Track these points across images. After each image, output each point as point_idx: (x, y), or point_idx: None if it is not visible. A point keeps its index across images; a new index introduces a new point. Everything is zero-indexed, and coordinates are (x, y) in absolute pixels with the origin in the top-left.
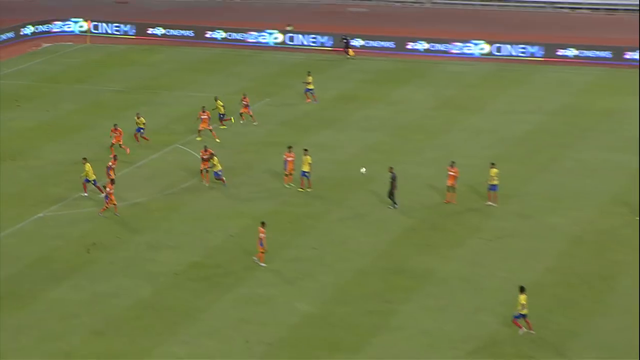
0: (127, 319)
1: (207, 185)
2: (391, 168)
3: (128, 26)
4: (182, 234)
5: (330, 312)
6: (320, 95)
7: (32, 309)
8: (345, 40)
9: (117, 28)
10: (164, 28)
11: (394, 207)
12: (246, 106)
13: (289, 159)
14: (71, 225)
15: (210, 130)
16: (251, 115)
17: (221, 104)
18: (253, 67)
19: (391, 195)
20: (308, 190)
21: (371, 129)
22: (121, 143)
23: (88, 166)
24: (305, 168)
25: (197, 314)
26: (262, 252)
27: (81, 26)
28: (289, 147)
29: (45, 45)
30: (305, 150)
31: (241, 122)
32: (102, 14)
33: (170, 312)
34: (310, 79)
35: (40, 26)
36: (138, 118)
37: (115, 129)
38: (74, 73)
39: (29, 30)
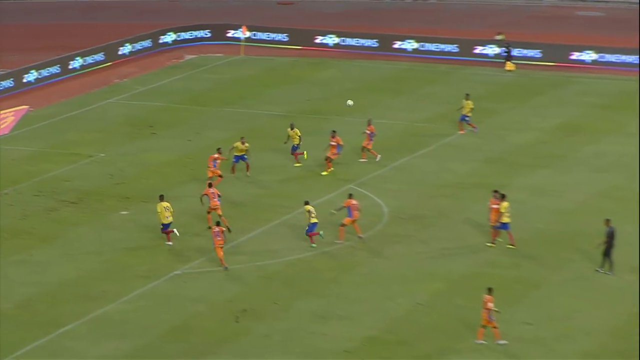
0: None
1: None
2: (608, 221)
3: (292, 33)
4: (355, 301)
5: None
6: (537, 124)
7: None
8: (506, 49)
9: (278, 36)
10: (338, 36)
11: (608, 272)
12: (369, 137)
13: (495, 206)
14: (216, 285)
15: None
16: (370, 150)
17: (298, 133)
18: (451, 86)
19: (607, 255)
20: (511, 246)
21: (603, 169)
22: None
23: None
24: (505, 219)
25: None
26: (495, 328)
27: (234, 33)
28: (495, 192)
29: (188, 57)
30: (502, 195)
31: (361, 160)
32: (260, 19)
33: None
34: (467, 103)
35: (183, 33)
36: (243, 144)
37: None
38: (222, 92)
39: (169, 38)
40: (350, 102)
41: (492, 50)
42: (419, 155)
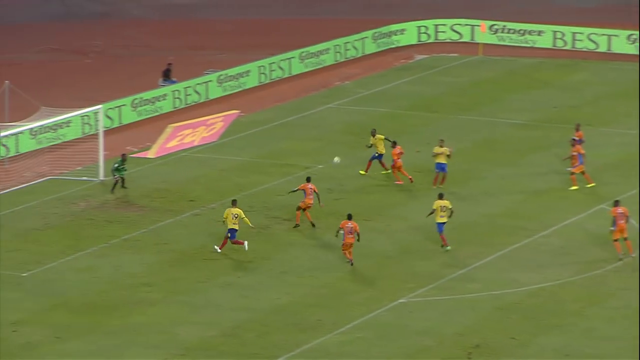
0: None
1: None
2: None
3: (540, 30)
4: (605, 339)
5: None
6: None
7: None
8: None
9: (523, 33)
10: (588, 36)
11: None
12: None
13: None
14: (446, 316)
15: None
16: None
17: (381, 137)
18: None
19: None
20: None
21: None
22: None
23: None
24: None
25: None
26: None
27: (472, 30)
28: None
29: (418, 57)
30: None
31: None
32: (503, 13)
33: None
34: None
35: (413, 29)
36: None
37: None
38: (457, 97)
39: (398, 35)
40: (337, 160)
41: None
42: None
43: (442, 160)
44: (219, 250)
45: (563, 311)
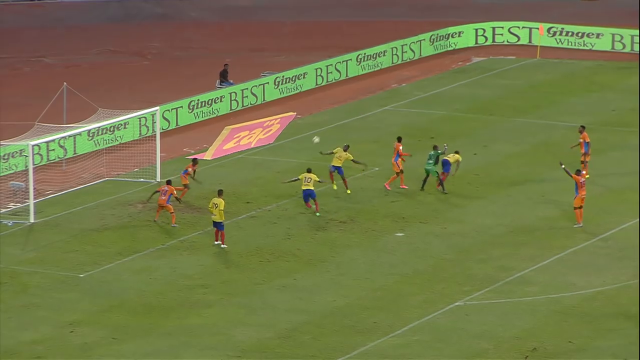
0: None
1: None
2: None
3: (598, 33)
4: None
5: None
6: None
7: None
8: None
9: (581, 36)
10: None
11: None
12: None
13: None
14: (503, 319)
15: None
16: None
17: (349, 157)
18: None
19: None
20: None
21: None
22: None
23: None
24: None
25: None
26: None
27: (529, 33)
28: None
29: (475, 59)
30: None
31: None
32: (561, 16)
33: None
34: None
35: (470, 32)
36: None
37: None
38: (514, 100)
39: (455, 38)
40: (316, 139)
41: None
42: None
43: None
44: (223, 245)
45: (621, 315)
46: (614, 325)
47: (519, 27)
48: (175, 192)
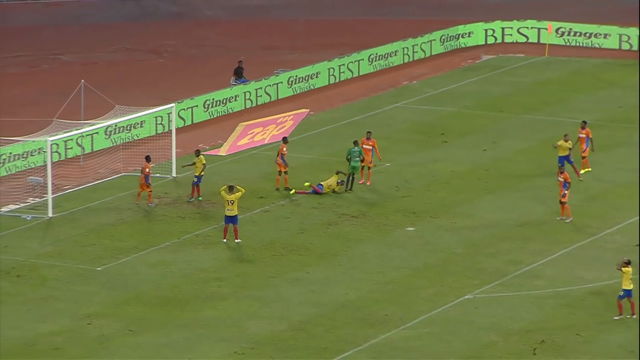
0: None
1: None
2: None
3: (606, 33)
4: None
5: None
6: None
7: None
8: None
9: (589, 36)
10: None
11: None
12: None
13: None
14: (511, 312)
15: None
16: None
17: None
18: None
19: None
20: None
21: None
22: None
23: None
24: None
25: None
26: None
27: (538, 32)
28: None
29: (485, 57)
30: None
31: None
32: (569, 14)
33: None
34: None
35: (479, 30)
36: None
37: None
38: (523, 97)
39: (465, 36)
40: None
41: None
42: None
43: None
44: (237, 240)
45: (628, 308)
46: (621, 318)
47: (527, 28)
48: (149, 169)
